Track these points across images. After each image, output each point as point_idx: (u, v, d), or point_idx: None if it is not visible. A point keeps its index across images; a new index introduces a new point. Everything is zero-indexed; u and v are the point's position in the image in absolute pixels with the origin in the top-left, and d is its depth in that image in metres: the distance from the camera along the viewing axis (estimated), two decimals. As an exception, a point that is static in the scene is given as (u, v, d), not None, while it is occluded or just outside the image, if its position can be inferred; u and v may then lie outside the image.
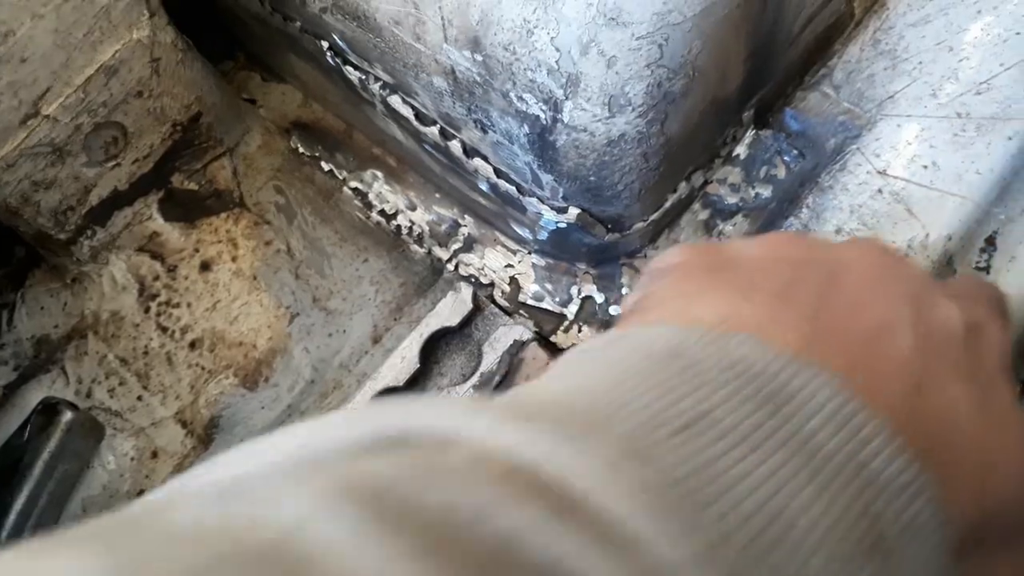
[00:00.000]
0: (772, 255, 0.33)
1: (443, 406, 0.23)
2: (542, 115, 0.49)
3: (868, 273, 0.33)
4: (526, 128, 0.51)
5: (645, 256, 0.61)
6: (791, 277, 0.31)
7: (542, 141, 0.51)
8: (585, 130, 0.49)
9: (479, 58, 0.49)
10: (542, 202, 0.56)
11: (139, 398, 0.61)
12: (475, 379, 0.56)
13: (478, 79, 0.50)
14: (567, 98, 0.48)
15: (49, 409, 0.57)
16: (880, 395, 0.27)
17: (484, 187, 0.58)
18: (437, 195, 0.65)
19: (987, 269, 0.57)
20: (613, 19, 0.45)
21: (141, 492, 0.59)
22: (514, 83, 0.49)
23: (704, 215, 0.62)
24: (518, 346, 0.56)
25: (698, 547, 0.20)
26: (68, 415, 0.56)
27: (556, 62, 0.47)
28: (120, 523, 0.19)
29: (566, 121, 0.49)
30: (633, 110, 0.48)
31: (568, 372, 0.27)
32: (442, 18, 0.49)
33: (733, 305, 0.30)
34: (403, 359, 0.56)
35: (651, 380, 0.25)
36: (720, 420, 0.24)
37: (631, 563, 0.20)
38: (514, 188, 0.56)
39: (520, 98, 0.49)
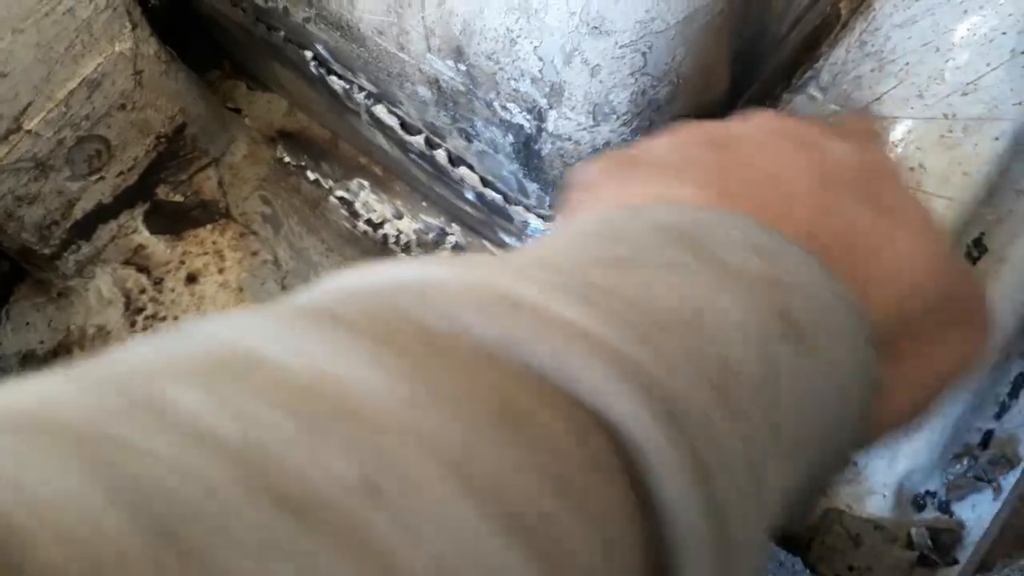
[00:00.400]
0: (672, 143, 0.36)
1: (414, 261, 0.25)
2: (526, 124, 0.49)
3: (761, 136, 0.36)
4: (511, 137, 0.50)
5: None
6: (691, 156, 0.35)
7: (527, 150, 0.50)
8: (570, 139, 0.49)
9: (462, 68, 0.49)
10: (528, 210, 0.55)
11: (127, 413, 0.61)
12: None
13: (462, 88, 0.50)
14: (551, 107, 0.48)
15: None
16: (787, 227, 0.30)
17: (470, 196, 0.58)
18: (424, 204, 0.65)
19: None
20: (596, 28, 0.44)
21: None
22: (498, 92, 0.48)
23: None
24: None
25: (633, 336, 0.22)
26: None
27: (539, 71, 0.46)
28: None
29: (551, 130, 0.49)
30: (618, 118, 0.48)
31: (506, 253, 0.30)
32: (425, 28, 0.49)
33: (645, 188, 0.33)
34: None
35: (581, 245, 0.27)
36: (646, 261, 0.26)
37: (571, 343, 0.21)
38: (500, 197, 0.56)
39: (504, 107, 0.49)
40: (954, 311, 0.33)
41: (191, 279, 0.63)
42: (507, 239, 0.61)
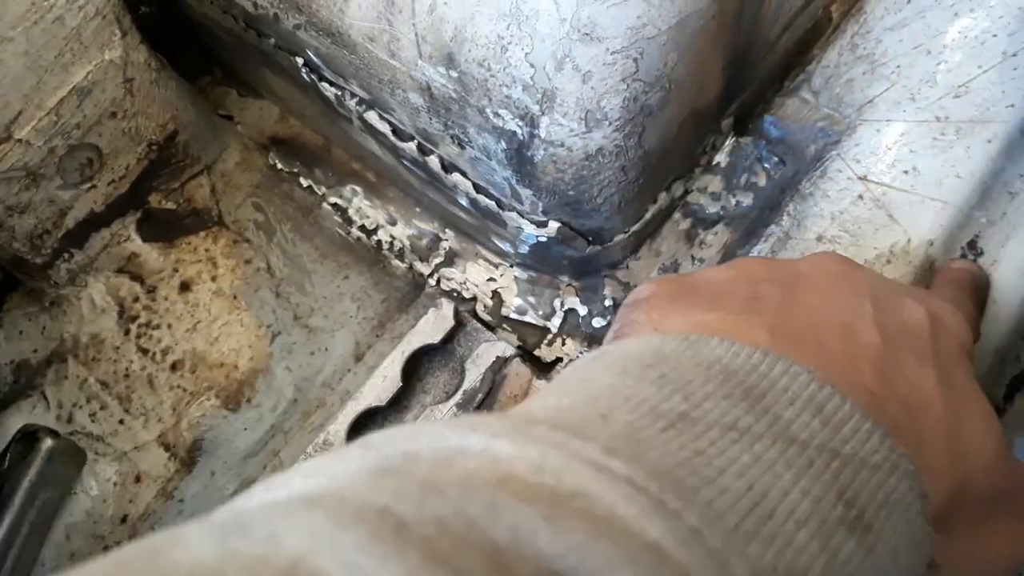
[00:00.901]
0: (733, 276, 0.36)
1: (439, 428, 0.24)
2: (519, 131, 0.49)
3: (825, 279, 0.35)
4: (503, 144, 0.50)
5: (627, 267, 0.61)
6: (752, 292, 0.34)
7: (520, 156, 0.50)
8: (562, 145, 0.49)
9: (454, 74, 0.48)
10: (522, 216, 0.55)
11: (121, 422, 0.60)
12: (458, 397, 0.55)
13: (454, 95, 0.50)
14: (543, 113, 0.47)
15: (29, 436, 0.56)
16: (848, 383, 0.29)
17: (464, 202, 0.58)
18: (417, 209, 0.65)
19: (969, 273, 0.57)
20: (587, 34, 0.44)
21: (125, 518, 0.58)
22: (490, 99, 0.48)
23: (685, 225, 0.61)
24: (501, 362, 0.55)
25: (689, 529, 0.22)
26: (48, 442, 0.56)
27: (531, 78, 0.46)
28: (118, 565, 0.19)
29: (543, 136, 0.48)
30: (610, 124, 0.48)
31: (554, 390, 0.29)
32: (416, 34, 0.49)
33: (703, 316, 0.32)
34: (385, 378, 0.56)
35: (635, 386, 0.26)
36: (702, 416, 0.25)
37: (627, 547, 0.20)
38: (494, 203, 0.55)
39: (496, 114, 0.49)
40: (1008, 503, 0.33)
41: (184, 287, 0.63)
42: (501, 245, 0.61)
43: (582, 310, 0.60)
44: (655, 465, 0.23)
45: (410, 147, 0.56)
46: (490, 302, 0.62)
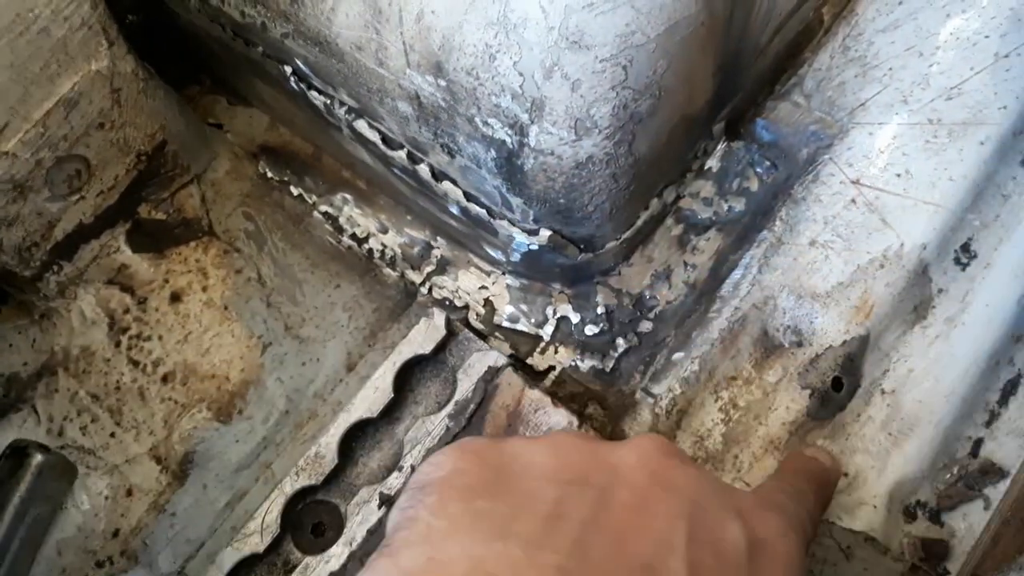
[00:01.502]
0: (547, 467, 0.32)
1: None
2: (508, 139, 0.48)
3: (646, 483, 0.32)
4: (493, 152, 0.50)
5: (620, 274, 0.61)
6: (557, 504, 0.31)
7: (509, 165, 0.50)
8: (552, 153, 0.48)
9: (442, 83, 0.48)
10: (513, 224, 0.55)
11: (112, 435, 0.60)
12: (450, 407, 0.55)
13: (443, 104, 0.49)
14: (533, 122, 0.47)
15: (19, 452, 0.56)
16: None
17: (455, 210, 0.57)
18: (408, 217, 0.65)
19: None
20: (575, 42, 0.44)
21: (116, 532, 0.58)
22: (479, 108, 0.48)
23: (677, 230, 0.61)
24: (493, 372, 0.55)
25: None
26: (38, 458, 0.55)
27: (520, 86, 0.46)
28: None
29: (533, 145, 0.48)
30: (600, 132, 0.47)
31: None
32: (404, 43, 0.48)
33: (487, 549, 0.29)
34: (376, 389, 0.56)
35: None
36: None
37: None
38: (484, 211, 0.55)
39: (485, 123, 0.48)
40: None
41: (175, 298, 0.63)
42: (493, 253, 0.60)
43: (575, 317, 0.60)
44: None
45: (400, 155, 0.56)
46: (482, 310, 0.62)
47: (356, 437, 0.57)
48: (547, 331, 0.60)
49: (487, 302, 0.62)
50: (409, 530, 0.32)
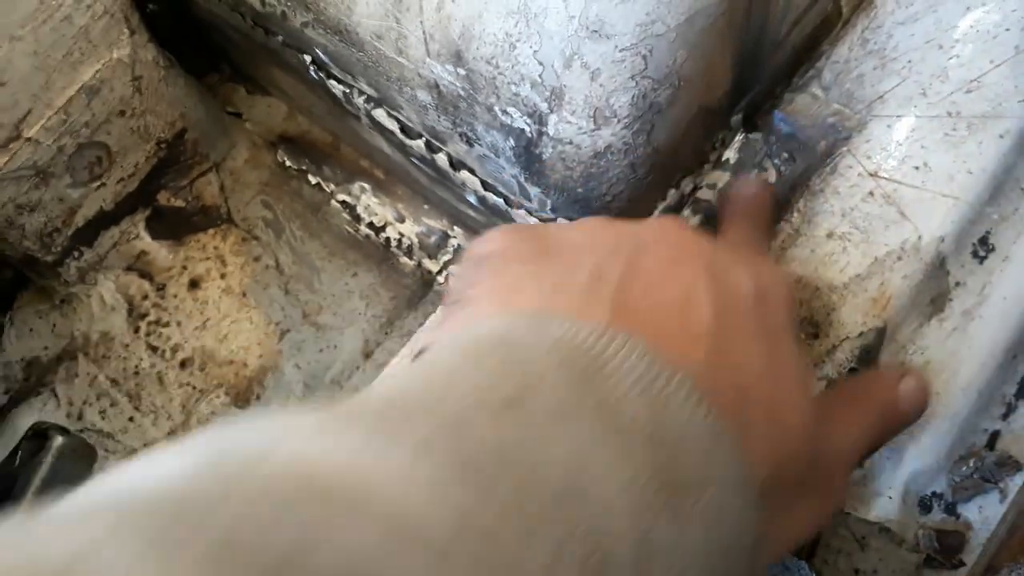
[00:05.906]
0: (582, 244, 0.37)
1: (265, 422, 0.24)
2: (527, 128, 0.49)
3: (666, 252, 0.37)
4: (512, 141, 0.50)
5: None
6: (597, 265, 0.35)
7: (528, 154, 0.50)
8: (571, 143, 0.48)
9: (462, 72, 0.48)
10: (530, 214, 0.55)
11: (131, 419, 0.61)
12: (467, 394, 0.55)
13: (462, 93, 0.50)
14: (552, 111, 0.47)
15: (39, 434, 0.57)
16: (684, 359, 0.30)
17: (472, 199, 0.58)
18: (426, 207, 0.65)
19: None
20: (596, 31, 0.44)
21: (135, 515, 0.58)
22: (498, 97, 0.48)
23: (695, 221, 0.61)
24: (510, 360, 0.55)
25: (490, 516, 0.22)
26: (59, 440, 0.56)
27: (539, 76, 0.46)
28: None
29: (551, 134, 0.48)
30: (619, 122, 0.47)
31: (404, 374, 0.30)
32: (424, 32, 0.49)
33: (548, 297, 0.33)
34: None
35: (472, 373, 0.27)
36: (532, 402, 0.26)
37: (416, 550, 0.20)
38: (502, 200, 0.55)
39: (505, 112, 0.49)
40: (813, 479, 0.34)
41: (194, 284, 0.63)
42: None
43: (591, 307, 0.60)
44: (470, 457, 0.23)
45: (418, 145, 0.56)
46: (499, 299, 0.62)
47: (372, 424, 0.57)
48: (563, 321, 0.60)
49: (503, 291, 0.62)
50: (475, 288, 0.36)
